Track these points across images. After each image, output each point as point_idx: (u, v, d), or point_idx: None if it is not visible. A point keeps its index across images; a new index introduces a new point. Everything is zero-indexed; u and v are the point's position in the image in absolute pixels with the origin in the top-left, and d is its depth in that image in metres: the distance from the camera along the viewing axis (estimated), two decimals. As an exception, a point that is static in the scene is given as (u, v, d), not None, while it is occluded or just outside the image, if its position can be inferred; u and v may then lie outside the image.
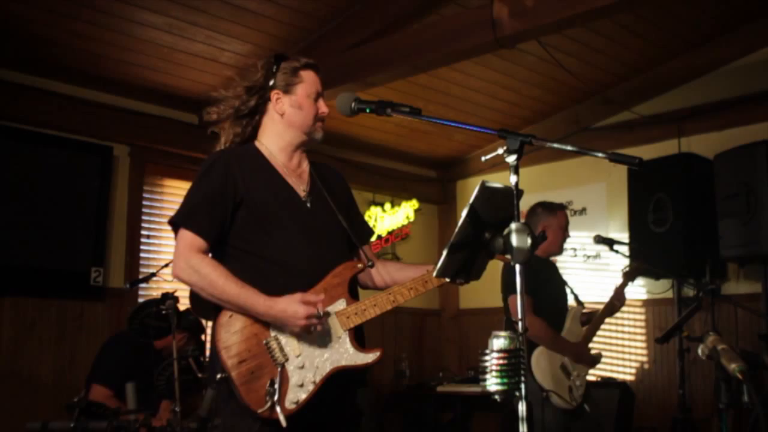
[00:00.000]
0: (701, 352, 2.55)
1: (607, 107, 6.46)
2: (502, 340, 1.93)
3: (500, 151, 2.03)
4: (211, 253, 2.49)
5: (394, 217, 7.08)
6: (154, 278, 4.48)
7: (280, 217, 2.50)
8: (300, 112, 2.59)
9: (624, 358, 6.23)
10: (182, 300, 4.11)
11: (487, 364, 1.92)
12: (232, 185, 2.47)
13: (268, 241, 2.46)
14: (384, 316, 2.52)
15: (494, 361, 1.91)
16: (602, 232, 5.70)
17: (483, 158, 2.14)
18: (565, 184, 6.71)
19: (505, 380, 1.90)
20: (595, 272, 6.49)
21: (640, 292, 6.12)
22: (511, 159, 2.01)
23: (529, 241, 1.94)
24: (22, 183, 4.94)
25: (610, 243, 4.64)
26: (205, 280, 2.38)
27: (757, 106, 5.72)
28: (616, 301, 4.34)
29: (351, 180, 2.84)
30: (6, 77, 4.95)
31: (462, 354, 7.28)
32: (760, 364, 3.36)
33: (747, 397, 2.46)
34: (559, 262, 4.59)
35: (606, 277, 6.28)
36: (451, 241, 2.04)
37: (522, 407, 1.89)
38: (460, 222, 2.02)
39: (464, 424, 6.37)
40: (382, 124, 6.35)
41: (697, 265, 5.27)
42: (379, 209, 7.03)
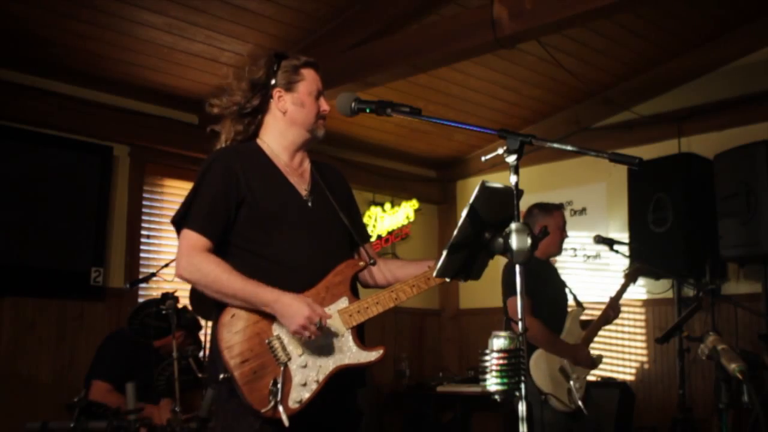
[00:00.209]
0: (701, 352, 2.55)
1: (607, 107, 6.46)
2: (502, 340, 1.93)
3: (500, 151, 2.04)
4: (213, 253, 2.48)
5: (394, 217, 7.08)
6: (154, 278, 4.49)
7: (282, 216, 2.49)
8: (302, 109, 2.59)
9: (624, 358, 6.22)
10: (182, 300, 4.12)
11: (487, 364, 1.92)
12: (235, 184, 2.47)
13: (270, 240, 2.46)
14: (384, 315, 2.51)
15: (494, 361, 1.92)
16: (602, 232, 5.70)
17: (483, 158, 2.14)
18: (565, 184, 6.71)
19: (505, 380, 1.90)
20: (595, 272, 6.49)
21: (640, 292, 6.11)
22: (511, 159, 2.01)
23: (529, 241, 1.94)
24: (22, 183, 4.94)
25: (610, 243, 4.63)
26: (209, 277, 2.38)
27: (757, 106, 5.72)
28: (611, 311, 4.33)
29: (351, 180, 2.84)
30: (6, 77, 4.95)
31: (462, 354, 7.28)
32: (760, 364, 3.35)
33: (747, 397, 2.46)
34: (559, 262, 4.59)
35: (606, 277, 6.28)
36: (451, 241, 2.04)
37: (522, 407, 1.89)
38: (460, 222, 2.02)
39: (464, 424, 6.37)
40: (382, 124, 6.34)
41: (697, 265, 5.27)
42: (379, 209, 7.03)
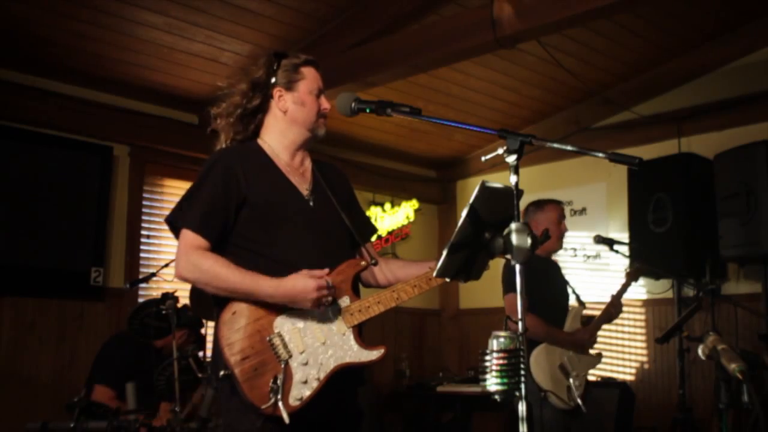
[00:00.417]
0: (701, 352, 2.55)
1: (607, 107, 6.46)
2: (502, 340, 1.93)
3: (500, 151, 2.04)
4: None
5: (394, 217, 7.08)
6: (154, 278, 4.49)
7: (283, 216, 2.49)
8: (303, 108, 2.59)
9: (624, 358, 6.23)
10: (182, 300, 4.12)
11: (487, 364, 1.93)
12: (235, 184, 2.47)
13: (271, 240, 2.46)
14: (384, 315, 2.51)
15: (494, 361, 1.92)
16: (602, 232, 5.70)
17: (483, 158, 2.14)
18: (565, 184, 6.71)
19: (505, 380, 1.90)
20: (595, 272, 6.49)
21: (640, 292, 6.12)
22: (511, 159, 2.01)
23: (529, 241, 1.94)
24: (22, 183, 4.94)
25: (610, 243, 4.64)
26: (209, 274, 2.38)
27: (757, 106, 5.72)
28: (613, 309, 4.32)
29: (351, 180, 2.84)
30: (6, 77, 4.96)
31: (462, 354, 7.28)
32: (760, 364, 3.35)
33: (747, 397, 2.45)
34: (559, 262, 4.58)
35: (606, 277, 6.28)
36: (451, 241, 2.04)
37: (522, 407, 1.89)
38: (460, 222, 2.02)
39: (464, 424, 6.37)
40: (382, 124, 6.35)
41: (697, 265, 5.26)
42: (379, 209, 7.03)
